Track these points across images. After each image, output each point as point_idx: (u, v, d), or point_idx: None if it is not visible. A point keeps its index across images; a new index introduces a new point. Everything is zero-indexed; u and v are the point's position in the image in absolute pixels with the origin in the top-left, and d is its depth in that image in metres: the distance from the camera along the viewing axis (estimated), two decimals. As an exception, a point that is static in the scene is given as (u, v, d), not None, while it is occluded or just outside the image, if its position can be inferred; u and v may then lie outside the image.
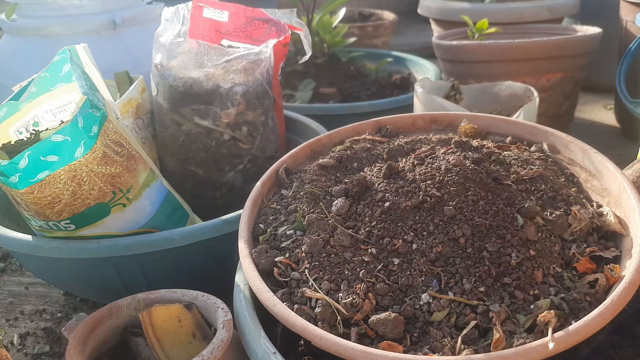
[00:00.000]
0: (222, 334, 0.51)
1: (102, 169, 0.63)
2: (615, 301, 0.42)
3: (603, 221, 0.52)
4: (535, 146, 0.64)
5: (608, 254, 0.49)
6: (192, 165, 0.84)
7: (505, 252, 0.48)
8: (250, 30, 0.88)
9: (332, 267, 0.50)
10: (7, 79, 1.02)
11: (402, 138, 0.65)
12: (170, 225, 0.73)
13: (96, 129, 0.62)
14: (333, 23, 1.37)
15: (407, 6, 2.17)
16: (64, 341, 0.77)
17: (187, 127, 0.83)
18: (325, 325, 0.46)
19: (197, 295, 0.57)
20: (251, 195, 0.60)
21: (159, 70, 0.83)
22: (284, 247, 0.54)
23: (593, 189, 0.58)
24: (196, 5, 0.86)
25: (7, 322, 0.82)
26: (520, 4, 1.47)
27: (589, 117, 1.49)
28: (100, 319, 0.57)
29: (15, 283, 0.91)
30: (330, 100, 1.25)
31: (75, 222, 0.65)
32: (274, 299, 0.48)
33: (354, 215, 0.53)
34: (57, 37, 1.05)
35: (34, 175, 0.59)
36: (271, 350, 0.46)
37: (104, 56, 0.92)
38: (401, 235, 0.50)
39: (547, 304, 0.44)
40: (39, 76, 0.70)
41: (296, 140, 0.96)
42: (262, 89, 0.84)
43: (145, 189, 0.70)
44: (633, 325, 0.54)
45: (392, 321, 0.45)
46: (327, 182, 0.59)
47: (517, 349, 0.40)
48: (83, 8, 1.07)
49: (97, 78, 0.73)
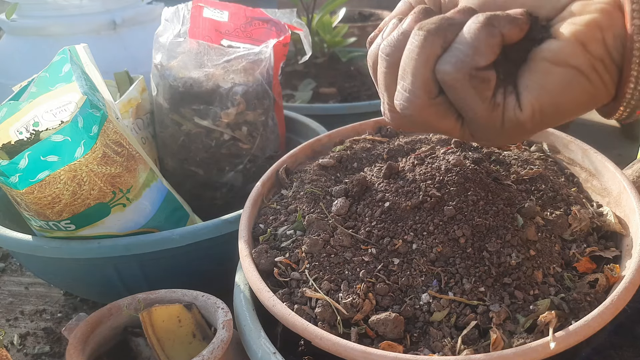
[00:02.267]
0: (222, 334, 0.51)
1: (102, 169, 0.63)
2: (615, 301, 0.42)
3: (603, 221, 0.52)
4: (535, 146, 0.64)
5: (608, 254, 0.49)
6: (192, 165, 0.84)
7: (505, 252, 0.48)
8: (250, 30, 0.88)
9: (332, 267, 0.50)
10: (7, 79, 1.02)
11: (402, 138, 0.65)
12: (170, 225, 0.73)
13: (96, 129, 0.62)
14: (333, 23, 1.37)
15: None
16: (64, 341, 0.77)
17: (187, 127, 0.83)
18: (326, 325, 0.46)
19: (197, 295, 0.57)
20: (251, 195, 0.60)
21: (159, 70, 0.83)
22: (284, 247, 0.54)
23: (593, 188, 0.58)
24: (196, 5, 0.86)
25: (7, 322, 0.82)
26: (520, 4, 1.47)
27: (589, 117, 1.49)
28: (100, 319, 0.57)
29: (15, 283, 0.91)
30: (330, 100, 1.25)
31: (76, 222, 0.65)
32: (274, 299, 0.48)
33: (354, 215, 0.53)
34: (57, 37, 1.05)
35: (34, 176, 0.59)
36: (271, 350, 0.46)
37: (104, 56, 0.92)
38: (401, 235, 0.50)
39: (547, 304, 0.44)
40: (39, 76, 0.70)
41: (296, 140, 0.96)
42: (262, 89, 0.84)
43: (145, 189, 0.70)
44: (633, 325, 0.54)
45: (392, 321, 0.45)
46: (327, 182, 0.59)
47: (517, 349, 0.40)
48: (83, 8, 1.07)
49: (97, 78, 0.73)
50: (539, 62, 0.38)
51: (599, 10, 0.37)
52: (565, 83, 0.37)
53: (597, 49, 0.37)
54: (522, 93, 0.38)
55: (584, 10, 0.37)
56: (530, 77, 0.38)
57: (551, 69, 0.37)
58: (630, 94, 0.38)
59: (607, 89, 0.38)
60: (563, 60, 0.37)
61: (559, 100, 0.38)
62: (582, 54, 0.37)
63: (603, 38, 0.37)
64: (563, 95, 0.38)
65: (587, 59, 0.37)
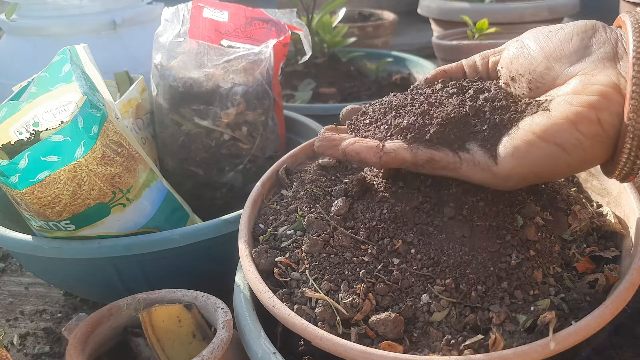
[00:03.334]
0: (222, 334, 0.51)
1: (102, 169, 0.63)
2: (615, 301, 0.42)
3: (603, 221, 0.52)
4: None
5: (608, 254, 0.49)
6: (192, 165, 0.84)
7: (505, 252, 0.48)
8: (250, 31, 0.88)
9: (332, 267, 0.50)
10: (7, 79, 1.02)
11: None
12: (170, 225, 0.73)
13: (96, 129, 0.62)
14: (333, 23, 1.37)
15: (407, 6, 2.17)
16: (64, 341, 0.77)
17: (187, 127, 0.83)
18: (325, 325, 0.46)
19: (197, 295, 0.57)
20: (251, 195, 0.60)
21: (159, 71, 0.83)
22: (284, 247, 0.54)
23: (593, 188, 0.58)
24: (196, 6, 0.86)
25: (7, 322, 0.82)
26: (520, 4, 1.47)
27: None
28: (100, 319, 0.57)
29: (15, 283, 0.91)
30: (330, 100, 1.25)
31: (75, 222, 0.65)
32: (274, 299, 0.48)
33: (354, 216, 0.53)
34: (57, 37, 1.05)
35: (34, 176, 0.59)
36: (271, 350, 0.46)
37: (104, 56, 0.92)
38: (401, 236, 0.50)
39: (547, 304, 0.44)
40: (38, 76, 0.70)
41: (296, 140, 0.96)
42: (262, 89, 0.84)
43: (145, 189, 0.70)
44: (633, 325, 0.54)
45: (392, 321, 0.45)
46: (327, 182, 0.59)
47: (517, 349, 0.40)
48: (83, 8, 1.07)
49: (97, 78, 0.73)
50: (527, 133, 0.43)
51: (597, 93, 0.41)
52: (547, 157, 0.42)
53: (590, 128, 0.41)
54: (503, 157, 0.44)
55: (584, 90, 0.41)
56: (513, 143, 0.44)
57: (537, 142, 0.42)
58: (623, 162, 0.42)
59: (599, 159, 0.44)
60: (550, 137, 0.42)
61: (538, 171, 0.44)
62: (570, 132, 0.41)
63: (598, 118, 0.41)
64: (543, 167, 0.43)
65: (574, 137, 0.41)
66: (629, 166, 0.42)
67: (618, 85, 0.41)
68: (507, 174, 0.44)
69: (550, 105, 0.43)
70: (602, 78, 0.41)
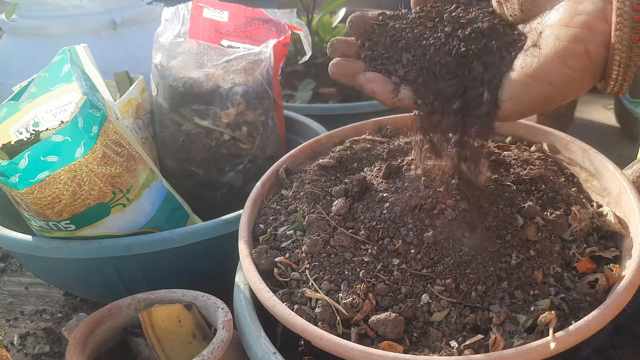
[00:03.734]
0: (222, 334, 0.51)
1: (102, 169, 0.63)
2: (615, 301, 0.42)
3: (603, 221, 0.52)
4: (535, 146, 0.64)
5: (608, 254, 0.49)
6: (192, 165, 0.84)
7: (505, 252, 0.48)
8: (250, 31, 0.88)
9: (332, 267, 0.50)
10: (7, 79, 1.02)
11: (402, 138, 0.65)
12: (170, 225, 0.73)
13: (96, 129, 0.62)
14: (333, 23, 1.37)
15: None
16: (64, 341, 0.77)
17: (187, 127, 0.83)
18: (325, 325, 0.46)
19: (197, 295, 0.57)
20: (251, 195, 0.60)
21: (159, 71, 0.83)
22: (284, 247, 0.54)
23: (593, 189, 0.58)
24: (196, 6, 0.86)
25: (7, 322, 0.82)
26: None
27: (589, 117, 1.49)
28: (100, 319, 0.57)
29: (15, 283, 0.91)
30: (330, 100, 1.25)
31: (75, 222, 0.65)
32: (274, 299, 0.48)
33: (354, 216, 0.53)
34: (57, 37, 1.05)
35: (34, 176, 0.59)
36: (271, 351, 0.46)
37: (104, 56, 0.92)
38: (401, 236, 0.50)
39: (547, 304, 0.44)
40: (38, 76, 0.70)
41: (296, 140, 0.96)
42: (262, 89, 0.84)
43: (145, 189, 0.70)
44: (633, 325, 0.54)
45: (392, 321, 0.45)
46: (327, 182, 0.59)
47: (517, 349, 0.40)
48: (83, 8, 1.07)
49: (97, 78, 0.73)
50: (521, 76, 0.45)
51: (583, 24, 0.42)
52: (542, 95, 0.45)
53: (578, 61, 0.43)
54: (504, 101, 0.46)
55: (571, 21, 0.42)
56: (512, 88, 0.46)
57: (531, 83, 0.44)
58: (611, 86, 0.44)
59: (589, 85, 0.46)
60: (542, 77, 0.44)
61: (534, 107, 0.47)
62: (560, 69, 0.43)
63: (585, 49, 0.42)
64: (538, 104, 0.46)
65: (565, 74, 0.43)
66: (617, 88, 0.44)
67: (604, 13, 0.41)
68: (507, 115, 0.47)
69: (540, 41, 0.44)
70: (588, 6, 0.42)
